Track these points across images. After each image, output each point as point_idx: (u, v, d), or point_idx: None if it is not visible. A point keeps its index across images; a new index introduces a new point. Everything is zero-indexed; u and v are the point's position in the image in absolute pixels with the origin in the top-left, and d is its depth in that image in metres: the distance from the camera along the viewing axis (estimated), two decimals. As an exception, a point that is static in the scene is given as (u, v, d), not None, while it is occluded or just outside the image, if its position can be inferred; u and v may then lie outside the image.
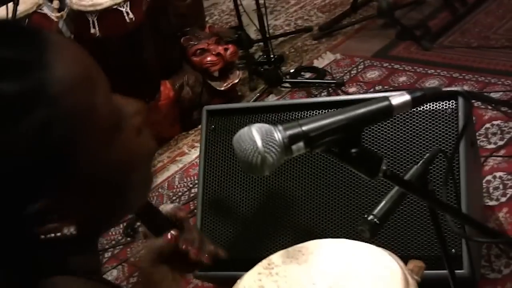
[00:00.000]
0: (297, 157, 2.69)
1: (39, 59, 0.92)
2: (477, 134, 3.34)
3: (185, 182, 3.90)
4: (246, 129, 1.13)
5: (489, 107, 3.61)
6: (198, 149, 3.69)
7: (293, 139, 1.11)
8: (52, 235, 0.94)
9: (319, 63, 4.64)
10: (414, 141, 2.55)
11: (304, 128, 1.11)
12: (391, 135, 2.58)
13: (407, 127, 2.58)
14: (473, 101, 3.59)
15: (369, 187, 2.56)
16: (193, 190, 3.76)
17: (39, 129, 0.90)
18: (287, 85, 4.42)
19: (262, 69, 4.56)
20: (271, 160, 1.10)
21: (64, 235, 0.95)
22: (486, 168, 3.23)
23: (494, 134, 3.44)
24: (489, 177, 3.18)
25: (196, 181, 3.65)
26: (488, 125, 3.50)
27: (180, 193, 3.82)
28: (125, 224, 3.67)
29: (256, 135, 1.10)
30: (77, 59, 0.97)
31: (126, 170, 1.03)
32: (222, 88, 4.27)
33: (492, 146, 3.38)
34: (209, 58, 4.20)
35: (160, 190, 3.89)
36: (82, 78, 0.96)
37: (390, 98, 1.19)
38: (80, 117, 0.94)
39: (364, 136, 1.65)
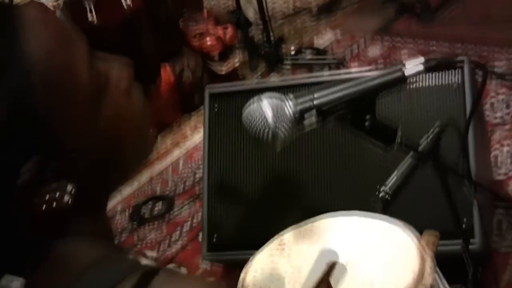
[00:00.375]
0: (303, 136, 2.66)
1: (5, 28, 0.89)
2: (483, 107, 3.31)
3: (190, 166, 3.87)
4: (255, 104, 1.10)
5: (493, 80, 3.57)
6: (201, 132, 3.65)
7: (304, 113, 1.07)
8: (52, 203, 0.90)
9: (319, 42, 4.60)
10: (421, 115, 2.53)
11: (316, 102, 1.08)
12: (398, 110, 2.55)
13: (413, 102, 2.55)
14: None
15: (378, 158, 2.53)
16: (198, 173, 3.74)
17: (15, 98, 0.86)
18: (288, 66, 4.38)
19: (262, 51, 4.52)
20: (283, 136, 1.07)
21: (61, 203, 0.91)
22: (493, 141, 3.20)
23: (500, 106, 3.41)
24: (496, 150, 3.15)
25: (201, 165, 3.62)
26: (493, 97, 3.47)
27: (185, 178, 3.79)
28: (130, 210, 3.65)
29: (266, 111, 1.07)
30: (47, 24, 0.93)
31: (118, 136, 0.98)
32: (223, 71, 4.24)
33: (498, 119, 3.35)
34: (208, 41, 4.16)
35: (164, 175, 3.87)
36: (54, 44, 0.91)
37: (404, 69, 1.16)
38: (58, 84, 0.90)
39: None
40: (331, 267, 1.52)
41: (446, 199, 1.73)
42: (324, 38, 4.62)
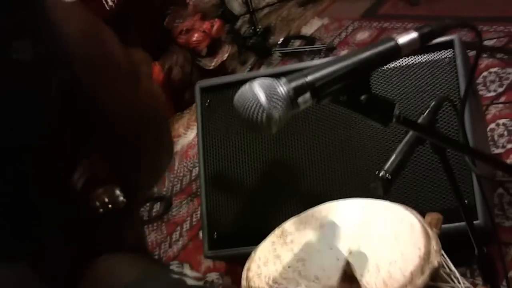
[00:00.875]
0: (297, 123, 2.63)
1: (45, 23, 0.88)
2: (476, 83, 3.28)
3: (185, 164, 3.84)
4: (247, 86, 1.07)
5: (485, 55, 3.54)
6: (194, 129, 3.63)
7: (298, 91, 1.04)
8: (108, 205, 0.90)
9: (307, 30, 4.57)
10: (415, 94, 2.50)
11: (309, 78, 1.04)
12: (391, 90, 2.52)
13: (406, 82, 2.52)
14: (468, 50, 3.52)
15: (375, 144, 2.51)
16: (194, 171, 3.70)
17: (63, 89, 0.86)
18: (277, 55, 4.35)
19: (250, 42, 4.48)
20: (277, 116, 1.04)
21: (116, 203, 0.90)
22: (489, 117, 3.17)
23: (493, 81, 3.38)
24: (492, 125, 3.12)
25: (196, 162, 3.60)
26: (485, 73, 3.44)
27: (181, 176, 3.76)
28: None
29: (258, 92, 1.04)
30: (80, 15, 0.94)
31: (154, 117, 1.00)
32: (212, 66, 4.20)
33: (492, 93, 3.32)
34: (195, 36, 4.13)
35: (160, 174, 3.83)
36: (90, 32, 0.93)
37: (397, 38, 1.12)
38: (99, 68, 0.91)
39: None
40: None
41: (447, 176, 1.70)
42: (312, 26, 4.59)
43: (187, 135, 4.05)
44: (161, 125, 1.03)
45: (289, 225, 1.78)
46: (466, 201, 2.33)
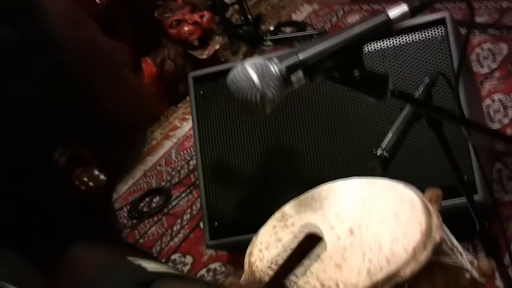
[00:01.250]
0: (292, 106, 2.63)
1: (34, 4, 0.88)
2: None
3: (182, 156, 3.83)
4: (239, 67, 1.06)
5: (477, 32, 3.54)
6: (190, 121, 3.62)
7: (290, 69, 1.03)
8: (89, 183, 0.90)
9: (297, 17, 4.56)
10: (408, 72, 2.49)
11: (301, 56, 1.04)
12: (384, 71, 2.52)
13: (399, 61, 2.52)
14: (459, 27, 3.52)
15: (372, 122, 2.50)
16: (191, 162, 3.70)
17: (54, 73, 0.86)
18: (269, 43, 4.34)
19: (241, 32, 4.47)
20: (271, 96, 1.03)
21: (97, 182, 0.90)
22: (484, 93, 3.18)
23: (486, 57, 3.38)
24: (488, 101, 3.13)
25: (193, 153, 3.59)
26: (478, 49, 3.44)
27: (179, 168, 3.76)
28: (128, 207, 3.61)
29: (251, 72, 1.03)
30: (66, 4, 0.94)
31: (137, 105, 0.99)
32: (204, 56, 4.19)
33: (486, 70, 3.32)
34: (186, 28, 4.12)
35: (158, 167, 3.83)
36: (79, 17, 0.93)
37: (387, 11, 1.12)
38: (87, 54, 0.91)
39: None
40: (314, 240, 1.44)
41: (444, 151, 1.69)
42: (302, 12, 4.58)
43: (182, 127, 4.05)
44: (143, 116, 1.03)
45: (289, 208, 1.77)
46: (465, 176, 2.34)
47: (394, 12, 1.14)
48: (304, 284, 1.48)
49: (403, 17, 1.13)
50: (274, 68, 1.04)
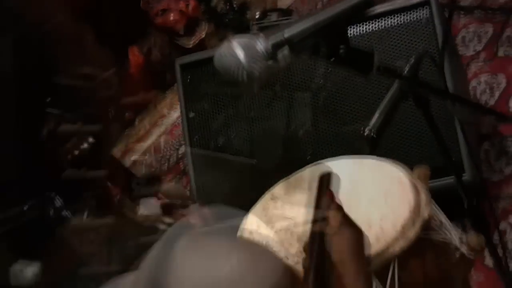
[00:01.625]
0: (279, 88, 2.63)
1: None
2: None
3: (171, 144, 3.84)
4: (226, 46, 1.07)
5: (462, 14, 3.55)
6: (178, 109, 3.62)
7: (276, 47, 1.04)
8: (80, 145, 0.92)
9: (283, 3, 4.55)
10: (394, 55, 2.50)
11: (287, 34, 1.05)
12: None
13: (385, 43, 2.53)
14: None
15: (360, 102, 2.51)
16: (180, 150, 3.71)
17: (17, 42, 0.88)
18: (256, 30, 4.33)
19: (227, 19, 4.46)
20: (258, 74, 1.04)
21: (83, 151, 0.92)
22: (470, 75, 3.19)
23: (471, 39, 3.40)
24: (474, 83, 3.14)
25: (182, 141, 3.59)
26: (464, 32, 3.45)
27: (168, 156, 3.76)
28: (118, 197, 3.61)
29: (238, 51, 1.04)
30: None
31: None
32: (191, 45, 4.19)
33: (471, 52, 3.33)
34: (172, 17, 4.11)
35: (147, 156, 3.83)
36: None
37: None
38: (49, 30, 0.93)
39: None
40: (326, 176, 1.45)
41: (431, 130, 1.71)
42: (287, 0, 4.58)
43: (171, 114, 4.05)
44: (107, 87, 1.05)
45: (278, 189, 1.79)
46: (452, 156, 2.35)
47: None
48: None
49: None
50: (260, 46, 1.05)
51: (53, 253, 0.92)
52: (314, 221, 1.24)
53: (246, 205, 1.92)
